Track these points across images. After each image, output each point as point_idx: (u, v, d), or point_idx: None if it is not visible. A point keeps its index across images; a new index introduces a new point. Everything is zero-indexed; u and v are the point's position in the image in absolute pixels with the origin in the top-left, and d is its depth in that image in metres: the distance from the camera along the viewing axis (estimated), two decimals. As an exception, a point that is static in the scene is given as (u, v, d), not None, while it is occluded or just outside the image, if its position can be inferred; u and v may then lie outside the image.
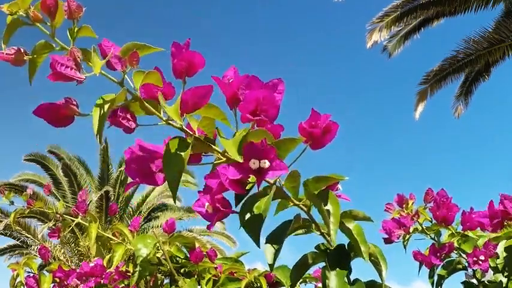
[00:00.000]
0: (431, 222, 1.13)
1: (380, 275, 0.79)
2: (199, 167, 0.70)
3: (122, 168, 10.89)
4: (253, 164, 0.63)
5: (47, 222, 9.87)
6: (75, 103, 0.61)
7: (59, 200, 1.68)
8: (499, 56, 8.48)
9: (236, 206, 0.70)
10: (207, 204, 0.70)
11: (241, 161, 0.63)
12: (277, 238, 0.72)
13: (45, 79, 0.61)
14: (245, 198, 0.69)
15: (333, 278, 0.73)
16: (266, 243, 0.72)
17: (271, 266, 0.70)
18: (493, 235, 1.05)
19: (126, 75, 0.62)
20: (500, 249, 1.06)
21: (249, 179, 0.67)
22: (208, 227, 0.73)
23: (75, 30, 0.60)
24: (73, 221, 1.51)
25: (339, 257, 0.76)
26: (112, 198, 10.31)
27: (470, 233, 1.12)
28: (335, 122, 0.70)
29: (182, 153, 0.61)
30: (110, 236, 1.50)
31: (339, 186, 0.78)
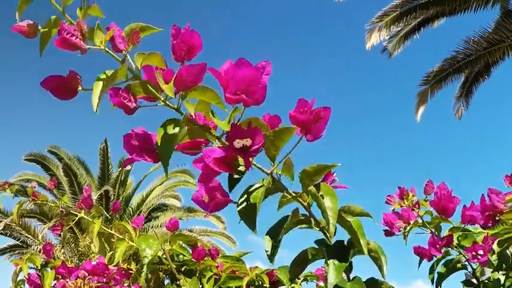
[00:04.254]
0: (431, 216, 1.14)
1: (381, 270, 0.79)
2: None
3: (122, 168, 10.89)
4: (238, 143, 0.65)
5: (46, 223, 9.87)
6: (79, 77, 0.65)
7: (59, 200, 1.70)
8: (498, 57, 8.47)
9: (230, 190, 0.72)
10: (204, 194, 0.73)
11: (228, 129, 0.65)
12: (275, 231, 0.74)
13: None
14: (244, 190, 0.72)
15: (331, 271, 0.74)
16: (266, 236, 0.74)
17: (270, 256, 0.72)
18: (492, 231, 1.06)
19: (129, 57, 0.65)
20: (494, 245, 1.07)
21: (239, 162, 0.69)
22: (206, 215, 0.75)
23: (84, 9, 0.65)
24: (77, 215, 1.52)
25: (339, 251, 0.77)
26: (112, 198, 10.30)
27: (471, 228, 1.12)
28: (327, 107, 0.70)
29: (175, 130, 0.65)
30: (113, 232, 1.51)
31: (336, 178, 0.78)
